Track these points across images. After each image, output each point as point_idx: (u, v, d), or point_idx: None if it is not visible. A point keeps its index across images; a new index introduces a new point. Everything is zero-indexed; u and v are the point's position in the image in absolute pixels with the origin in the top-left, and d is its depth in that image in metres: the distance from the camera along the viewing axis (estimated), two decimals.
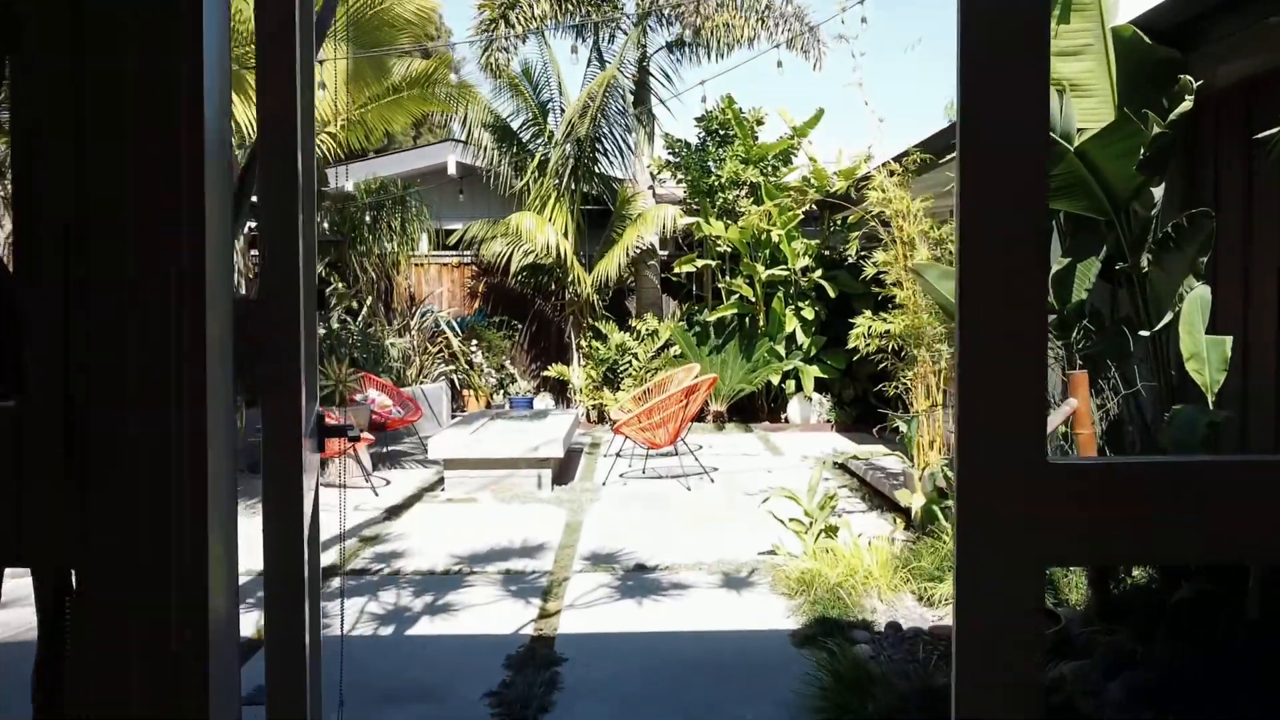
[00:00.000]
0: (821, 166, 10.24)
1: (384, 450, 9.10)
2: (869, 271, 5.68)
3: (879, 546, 4.69)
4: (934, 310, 5.50)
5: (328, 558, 5.32)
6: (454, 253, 11.70)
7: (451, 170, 12.46)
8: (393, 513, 6.48)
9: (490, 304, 11.71)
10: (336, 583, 4.87)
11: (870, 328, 5.41)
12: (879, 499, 6.70)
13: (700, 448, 9.17)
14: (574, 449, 9.15)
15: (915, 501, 4.70)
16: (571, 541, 5.64)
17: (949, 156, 5.57)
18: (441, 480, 7.19)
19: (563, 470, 7.90)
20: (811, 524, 4.86)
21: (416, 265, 11.61)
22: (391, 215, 9.93)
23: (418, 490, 7.21)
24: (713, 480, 7.51)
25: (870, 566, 4.54)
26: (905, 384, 5.58)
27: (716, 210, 10.56)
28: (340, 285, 9.75)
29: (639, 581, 4.80)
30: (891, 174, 5.68)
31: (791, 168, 10.60)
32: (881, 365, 5.89)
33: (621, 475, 7.77)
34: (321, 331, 9.21)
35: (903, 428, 5.01)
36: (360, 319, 9.79)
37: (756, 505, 6.47)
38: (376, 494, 7.03)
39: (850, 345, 5.53)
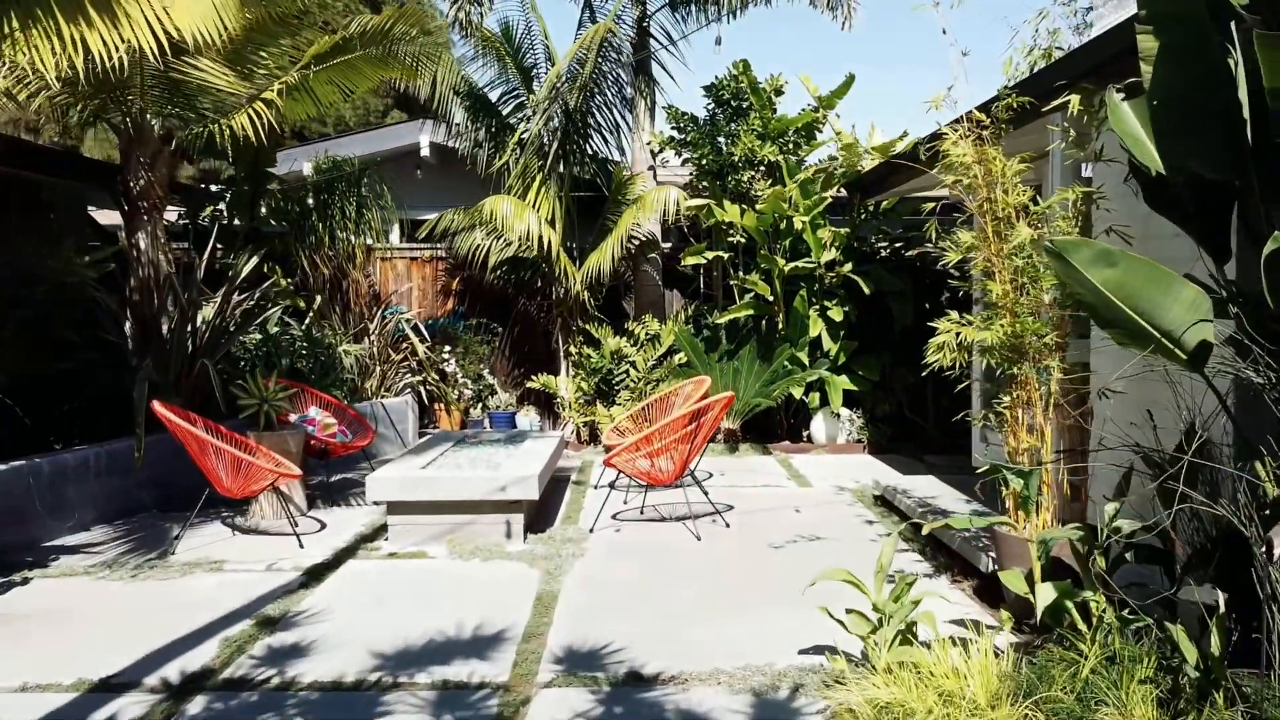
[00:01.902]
0: (853, 139, 8.73)
1: (330, 479, 7.60)
2: (950, 258, 4.16)
3: (977, 643, 3.18)
4: (1036, 310, 4.00)
5: (204, 654, 3.82)
6: (425, 245, 10.20)
7: (425, 152, 11.00)
8: (314, 575, 4.98)
9: (466, 304, 10.20)
10: (197, 705, 3.37)
11: (961, 336, 3.88)
12: (942, 553, 5.20)
13: (710, 476, 7.67)
14: (559, 476, 7.66)
15: (1041, 595, 3.18)
16: (541, 626, 4.13)
17: (1059, 100, 4.06)
18: (385, 528, 5.68)
19: (542, 508, 6.40)
20: (882, 622, 3.35)
21: (382, 260, 10.11)
22: (345, 199, 8.43)
23: (355, 540, 5.70)
24: (728, 524, 6.01)
25: (975, 693, 3.04)
26: (1000, 412, 4.07)
27: (728, 194, 9.05)
28: (284, 281, 8.24)
29: (632, 707, 3.30)
30: (980, 126, 4.17)
31: (815, 144, 9.09)
32: (954, 381, 4.38)
33: (615, 516, 6.26)
34: (257, 336, 7.72)
35: (1014, 482, 3.48)
36: (307, 322, 8.30)
37: (787, 564, 4.97)
38: (302, 545, 5.53)
39: (929, 360, 3.98)
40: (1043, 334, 3.89)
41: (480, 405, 9.97)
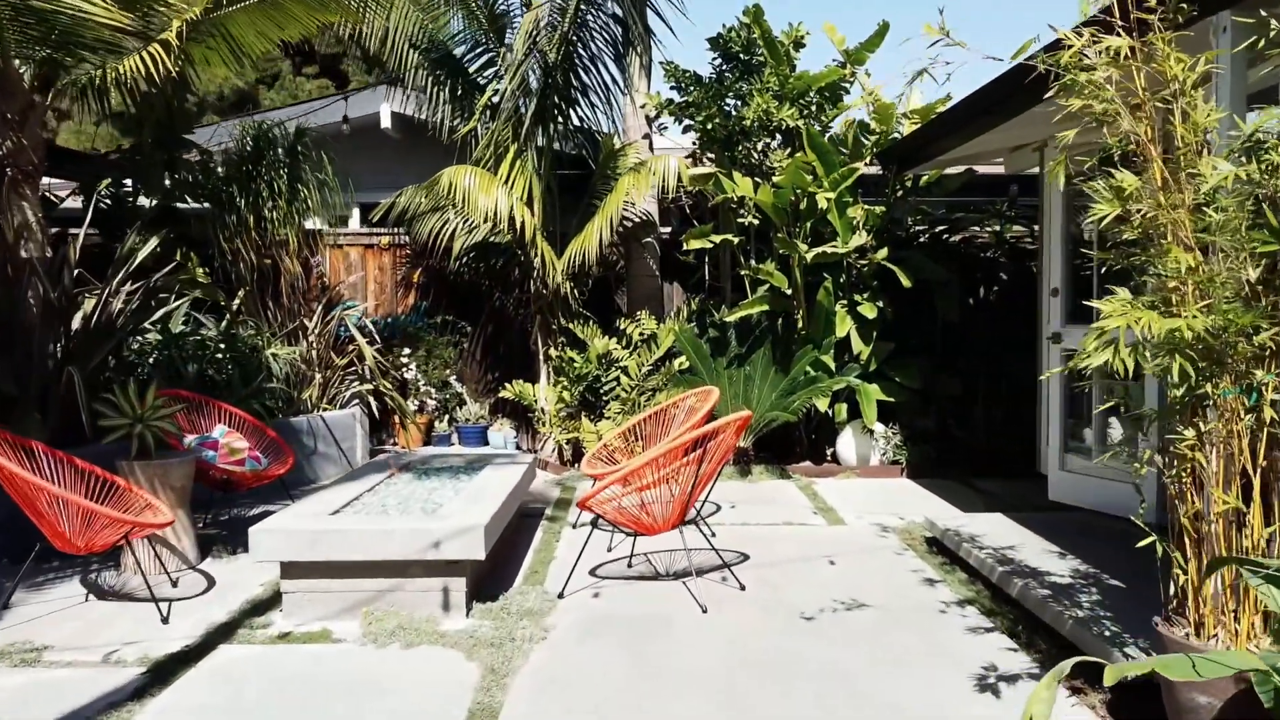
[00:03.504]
0: (887, 101, 7.28)
1: (248, 514, 6.14)
2: (1100, 211, 2.67)
3: None
4: (1238, 292, 2.53)
5: None
6: (383, 230, 8.74)
7: (386, 123, 9.58)
8: (162, 674, 3.52)
9: (431, 299, 8.75)
10: None
11: (1144, 324, 2.36)
12: (1041, 635, 3.75)
13: (717, 510, 6.22)
14: (530, 510, 6.21)
15: None
16: None
17: None
18: (279, 596, 4.21)
19: (501, 559, 4.96)
20: None
21: (332, 247, 8.66)
22: (274, 171, 6.97)
23: (242, 611, 4.24)
24: (742, 586, 4.53)
25: None
26: (1181, 454, 2.59)
27: (739, 167, 7.60)
28: (200, 271, 6.79)
29: None
30: (1142, 7, 2.71)
31: (843, 106, 7.63)
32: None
33: (594, 572, 4.80)
34: (156, 337, 6.27)
35: (1257, 587, 2.00)
36: (226, 320, 6.86)
37: (828, 653, 3.50)
38: (166, 619, 4.08)
39: (1089, 361, 2.49)
40: (1257, 328, 2.42)
41: (447, 418, 8.52)
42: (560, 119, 7.75)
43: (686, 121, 7.72)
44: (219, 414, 5.85)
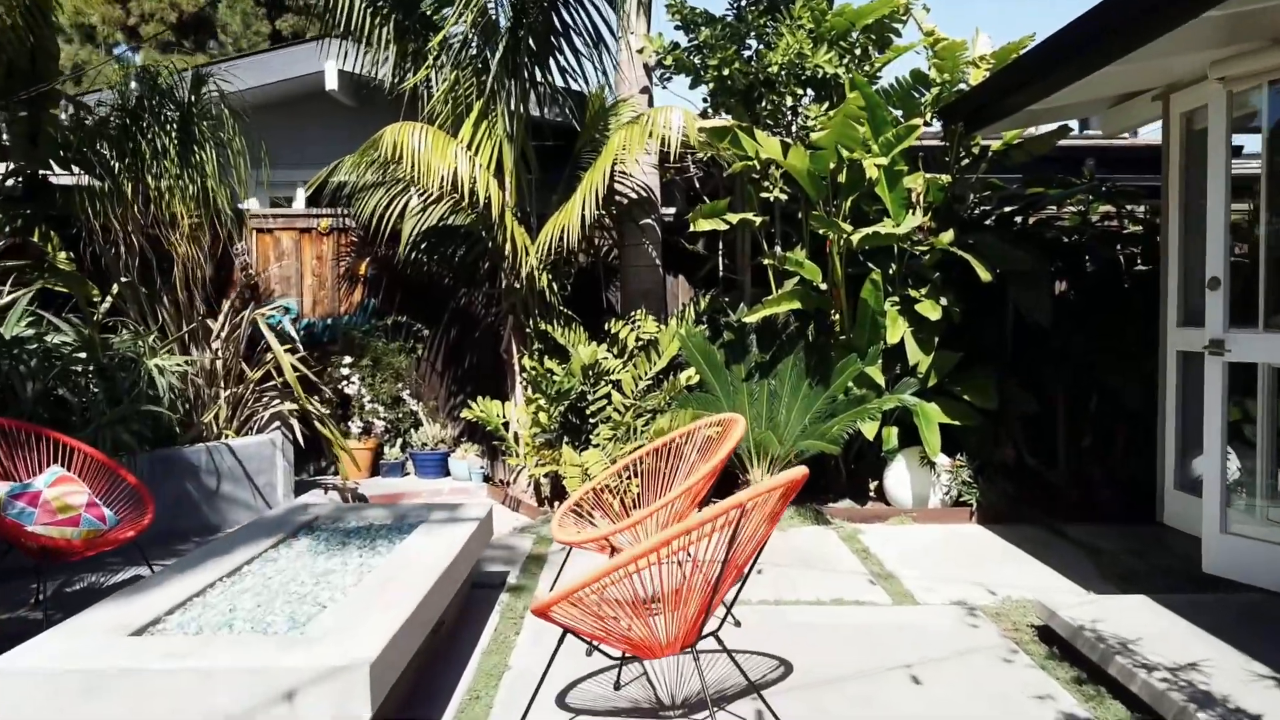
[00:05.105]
0: (952, 42, 5.69)
1: (103, 583, 4.54)
2: None
3: None
4: None
5: None
6: (322, 211, 7.15)
7: (332, 84, 8.01)
8: None
9: (382, 296, 7.15)
10: None
11: None
12: None
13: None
14: (485, 581, 4.61)
15: None
16: None
17: None
18: None
19: (429, 660, 3.37)
20: None
21: (260, 231, 7.06)
22: (158, 130, 5.38)
23: None
24: None
25: None
26: None
27: (761, 124, 6.02)
28: (59, 256, 5.19)
29: None
30: None
31: (896, 49, 6.05)
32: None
33: (564, 702, 3.21)
34: None
35: None
36: (92, 323, 5.26)
37: None
38: None
39: None
40: None
41: (400, 441, 6.93)
42: (537, 69, 6.16)
43: (697, 69, 6.11)
44: (56, 451, 4.26)
